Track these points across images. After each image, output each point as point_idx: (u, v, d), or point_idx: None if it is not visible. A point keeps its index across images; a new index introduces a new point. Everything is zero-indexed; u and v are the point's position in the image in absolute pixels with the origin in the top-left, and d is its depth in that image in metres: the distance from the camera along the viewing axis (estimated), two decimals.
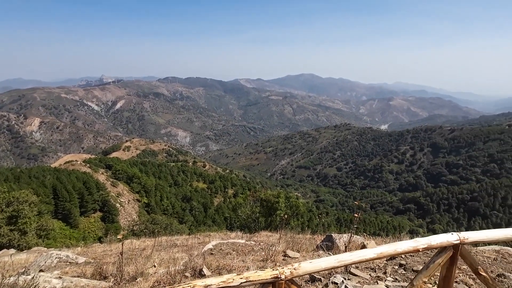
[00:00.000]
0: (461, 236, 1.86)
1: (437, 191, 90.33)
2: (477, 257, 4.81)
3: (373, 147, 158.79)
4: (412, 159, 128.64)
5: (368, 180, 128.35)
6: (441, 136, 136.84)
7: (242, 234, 9.33)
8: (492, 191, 78.64)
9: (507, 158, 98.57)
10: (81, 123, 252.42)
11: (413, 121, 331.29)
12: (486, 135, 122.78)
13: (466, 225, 74.77)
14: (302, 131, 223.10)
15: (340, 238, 5.13)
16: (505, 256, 5.18)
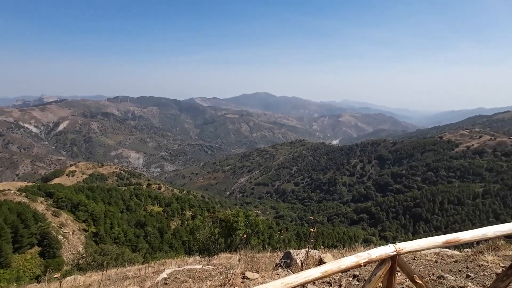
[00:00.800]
0: (397, 248, 1.93)
1: (385, 200, 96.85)
2: (420, 261, 5.17)
3: (327, 161, 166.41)
4: (362, 171, 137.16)
5: (324, 193, 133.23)
6: (386, 149, 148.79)
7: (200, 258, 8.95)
8: (431, 197, 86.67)
9: (441, 166, 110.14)
10: (16, 148, 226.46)
11: (361, 136, 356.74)
12: (423, 147, 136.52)
13: (412, 230, 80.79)
14: (259, 148, 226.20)
15: (298, 254, 5.18)
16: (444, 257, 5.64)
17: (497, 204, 77.62)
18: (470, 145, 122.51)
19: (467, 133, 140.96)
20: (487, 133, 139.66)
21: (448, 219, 78.76)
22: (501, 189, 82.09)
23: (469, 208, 79.57)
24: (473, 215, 76.98)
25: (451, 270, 4.30)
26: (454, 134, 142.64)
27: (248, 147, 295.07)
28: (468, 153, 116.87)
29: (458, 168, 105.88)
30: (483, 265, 4.61)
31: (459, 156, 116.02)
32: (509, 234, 1.96)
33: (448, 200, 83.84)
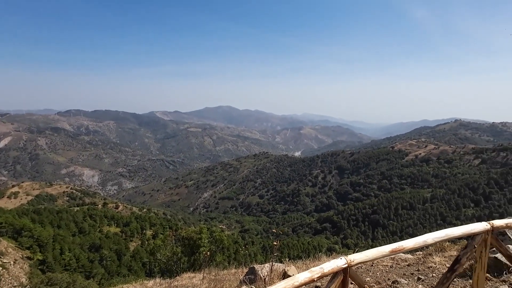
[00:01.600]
0: (348, 260, 1.98)
1: (346, 208, 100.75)
2: (378, 267, 5.41)
3: (290, 173, 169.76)
4: (323, 181, 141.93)
5: (288, 204, 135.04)
6: (344, 159, 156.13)
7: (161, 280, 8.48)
8: (387, 204, 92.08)
9: (394, 174, 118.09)
10: None
11: (321, 147, 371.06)
12: (377, 156, 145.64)
13: (371, 236, 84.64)
14: (223, 162, 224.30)
15: (263, 268, 5.14)
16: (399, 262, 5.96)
17: (443, 207, 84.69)
18: (418, 154, 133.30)
19: (415, 143, 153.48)
20: (432, 142, 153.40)
21: (402, 224, 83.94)
22: (446, 193, 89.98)
23: (420, 212, 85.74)
24: (423, 218, 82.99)
25: (404, 274, 4.55)
26: (404, 144, 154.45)
27: (212, 161, 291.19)
28: (416, 161, 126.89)
29: (409, 176, 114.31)
30: (431, 266, 4.93)
31: (409, 164, 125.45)
32: (446, 239, 2.13)
33: (402, 206, 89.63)
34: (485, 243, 2.21)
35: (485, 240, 2.20)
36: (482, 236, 2.17)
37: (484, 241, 2.20)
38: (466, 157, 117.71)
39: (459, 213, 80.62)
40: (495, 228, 2.18)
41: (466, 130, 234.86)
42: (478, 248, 2.23)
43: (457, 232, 2.12)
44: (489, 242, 2.23)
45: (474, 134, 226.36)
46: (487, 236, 2.18)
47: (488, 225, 2.17)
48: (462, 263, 2.19)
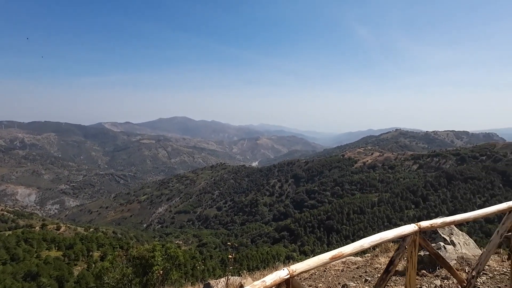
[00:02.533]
0: (290, 270, 2.00)
1: (302, 216, 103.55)
2: (330, 272, 5.61)
3: (248, 183, 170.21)
4: (280, 190, 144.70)
5: (247, 215, 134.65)
6: (300, 168, 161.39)
7: None
8: (340, 209, 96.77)
9: (345, 181, 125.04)
10: None
11: (277, 157, 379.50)
12: (330, 164, 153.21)
13: (327, 241, 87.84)
14: (179, 174, 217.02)
15: (218, 283, 5.03)
16: (349, 265, 6.24)
17: (389, 209, 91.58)
18: (365, 161, 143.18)
19: (362, 151, 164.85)
20: (377, 150, 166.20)
21: (354, 228, 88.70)
22: (390, 196, 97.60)
23: (369, 215, 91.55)
24: (372, 221, 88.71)
25: (353, 277, 4.78)
26: (353, 152, 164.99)
27: (167, 174, 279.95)
28: (364, 168, 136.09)
29: (358, 182, 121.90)
30: (378, 267, 5.25)
31: (358, 171, 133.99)
32: (380, 242, 2.24)
33: (353, 211, 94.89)
34: (414, 244, 2.35)
35: (414, 240, 2.33)
36: (411, 237, 2.31)
37: (414, 241, 2.34)
38: (406, 163, 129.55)
39: (403, 214, 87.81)
40: (422, 229, 2.34)
41: (405, 138, 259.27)
42: (408, 249, 2.36)
43: (390, 235, 2.27)
44: (418, 242, 2.37)
45: (412, 142, 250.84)
46: (415, 237, 2.32)
47: (416, 226, 2.30)
48: (395, 264, 2.30)
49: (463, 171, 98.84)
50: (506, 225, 2.50)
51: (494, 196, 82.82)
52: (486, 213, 2.45)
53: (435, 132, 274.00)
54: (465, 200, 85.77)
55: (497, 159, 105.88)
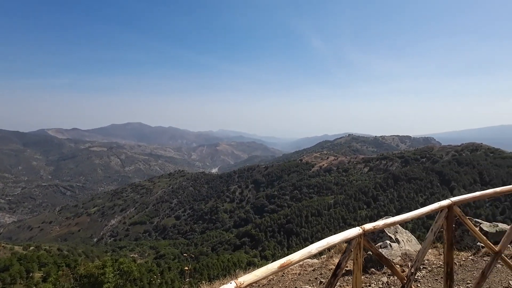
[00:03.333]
0: (238, 283, 1.99)
1: (263, 221, 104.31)
2: (288, 276, 5.72)
3: (207, 190, 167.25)
4: (241, 196, 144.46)
5: (207, 223, 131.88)
6: (260, 173, 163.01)
7: None
8: (299, 212, 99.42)
9: (303, 185, 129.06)
10: None
11: (237, 163, 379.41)
12: (289, 169, 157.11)
13: (287, 245, 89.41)
14: (134, 183, 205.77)
15: None
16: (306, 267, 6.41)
17: (344, 211, 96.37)
18: (322, 165, 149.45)
19: (319, 155, 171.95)
20: (332, 154, 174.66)
21: (312, 230, 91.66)
22: (345, 198, 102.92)
23: (326, 217, 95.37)
24: (329, 222, 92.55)
25: (309, 280, 4.92)
26: (310, 157, 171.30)
27: (120, 183, 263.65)
28: (321, 171, 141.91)
29: (316, 185, 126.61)
30: (332, 268, 5.47)
31: (315, 175, 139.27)
32: (327, 247, 2.28)
33: (311, 213, 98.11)
34: (359, 246, 2.42)
35: (359, 243, 2.40)
36: (356, 240, 2.39)
37: (359, 244, 2.41)
38: (358, 166, 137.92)
39: (356, 214, 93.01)
40: (366, 232, 2.42)
41: (357, 143, 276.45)
42: (354, 251, 2.42)
43: (336, 239, 2.32)
44: (363, 245, 2.44)
45: (363, 146, 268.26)
46: (360, 239, 2.39)
47: (361, 229, 2.38)
48: (342, 268, 2.36)
49: (407, 172, 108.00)
50: (439, 223, 2.79)
51: (433, 194, 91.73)
52: (421, 213, 2.70)
53: (383, 137, 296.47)
54: (409, 199, 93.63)
55: (435, 161, 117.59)
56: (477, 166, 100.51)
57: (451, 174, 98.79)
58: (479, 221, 6.54)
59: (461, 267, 4.71)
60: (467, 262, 4.86)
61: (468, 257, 5.17)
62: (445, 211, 2.74)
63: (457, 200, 2.81)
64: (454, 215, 2.80)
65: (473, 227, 2.91)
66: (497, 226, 5.59)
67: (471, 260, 4.91)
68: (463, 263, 4.85)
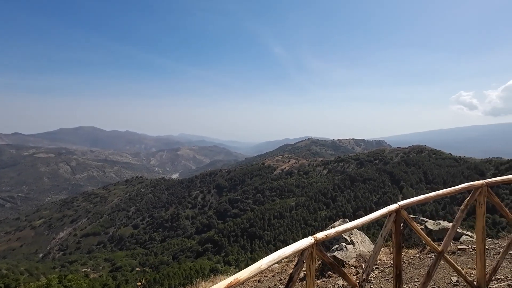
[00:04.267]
0: None
1: (226, 226, 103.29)
2: (248, 284, 5.61)
3: (168, 196, 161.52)
4: (203, 202, 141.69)
5: (167, 230, 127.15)
6: (222, 178, 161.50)
7: None
8: (261, 216, 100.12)
9: (265, 188, 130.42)
10: None
11: (199, 167, 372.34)
12: (251, 173, 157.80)
13: (250, 249, 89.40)
14: (86, 192, 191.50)
15: None
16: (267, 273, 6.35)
17: (305, 212, 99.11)
18: (283, 168, 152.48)
19: (280, 158, 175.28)
20: (293, 157, 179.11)
21: (275, 232, 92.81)
22: (306, 200, 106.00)
23: (288, 219, 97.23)
24: (291, 224, 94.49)
25: (269, 287, 4.86)
26: (272, 160, 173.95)
27: (71, 192, 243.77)
28: (283, 174, 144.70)
29: (278, 188, 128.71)
30: None
31: (277, 178, 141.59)
32: (278, 260, 2.23)
33: (273, 216, 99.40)
34: (312, 256, 2.38)
35: (312, 253, 2.37)
36: (309, 251, 2.35)
37: (311, 254, 2.37)
38: (318, 168, 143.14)
39: (316, 215, 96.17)
40: (318, 241, 2.40)
41: (316, 146, 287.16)
42: (306, 262, 2.38)
43: (288, 251, 2.26)
44: (315, 255, 2.41)
45: (322, 149, 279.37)
46: (312, 249, 2.36)
47: (313, 239, 2.35)
48: (294, 280, 2.29)
49: (362, 173, 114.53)
50: (388, 227, 2.89)
51: (385, 193, 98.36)
52: (371, 218, 2.77)
53: (340, 140, 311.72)
54: (364, 198, 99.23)
55: (386, 162, 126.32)
56: (422, 167, 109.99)
57: (400, 174, 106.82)
58: (424, 219, 7.04)
59: (409, 265, 4.99)
60: (414, 260, 5.18)
61: (415, 254, 5.51)
62: (393, 215, 2.85)
63: (404, 204, 2.94)
64: (402, 218, 2.93)
65: (419, 230, 3.07)
66: (440, 224, 6.06)
67: (418, 258, 5.25)
68: (411, 261, 5.16)
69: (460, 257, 4.97)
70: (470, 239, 5.65)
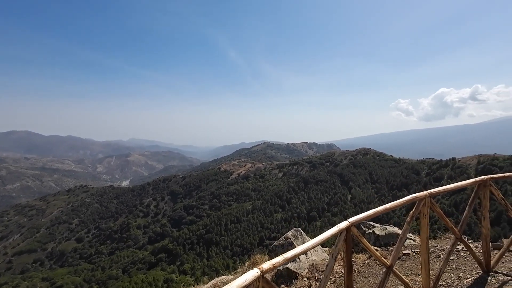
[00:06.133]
0: None
1: (181, 233, 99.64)
2: None
3: (117, 205, 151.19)
4: (156, 210, 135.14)
5: (116, 242, 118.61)
6: (177, 184, 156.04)
7: None
8: (218, 221, 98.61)
9: (222, 193, 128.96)
10: None
11: (152, 174, 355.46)
12: (207, 178, 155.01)
13: (206, 256, 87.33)
14: (19, 204, 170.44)
15: None
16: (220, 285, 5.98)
17: (261, 215, 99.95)
18: (240, 172, 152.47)
19: (237, 163, 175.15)
20: (249, 161, 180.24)
21: (232, 237, 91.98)
22: (262, 203, 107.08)
23: (244, 223, 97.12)
24: (248, 228, 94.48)
25: None
26: (228, 165, 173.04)
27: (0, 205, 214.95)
28: (239, 179, 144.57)
29: (234, 192, 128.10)
30: None
31: (233, 182, 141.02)
32: None
33: (230, 221, 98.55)
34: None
35: (257, 287, 2.19)
36: (254, 285, 2.20)
37: None
38: (273, 172, 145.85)
39: (272, 218, 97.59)
40: (265, 272, 2.25)
41: (272, 150, 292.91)
42: None
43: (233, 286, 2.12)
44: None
45: (277, 153, 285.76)
46: (258, 283, 2.20)
47: (258, 271, 2.20)
48: None
49: (314, 175, 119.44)
50: (339, 247, 2.75)
51: (336, 194, 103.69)
52: (321, 239, 2.61)
53: (294, 144, 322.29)
54: (317, 199, 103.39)
55: (336, 164, 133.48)
56: (368, 168, 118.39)
57: (349, 175, 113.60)
58: (372, 224, 7.26)
59: (359, 274, 5.03)
60: (364, 268, 5.25)
61: (365, 261, 5.59)
62: (344, 234, 2.74)
63: (354, 221, 2.85)
64: (352, 235, 2.84)
65: (368, 245, 3.01)
66: (386, 229, 6.29)
67: (368, 265, 5.33)
68: (361, 269, 5.21)
69: (405, 262, 5.16)
70: (414, 243, 5.94)
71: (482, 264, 4.28)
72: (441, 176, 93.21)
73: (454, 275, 4.42)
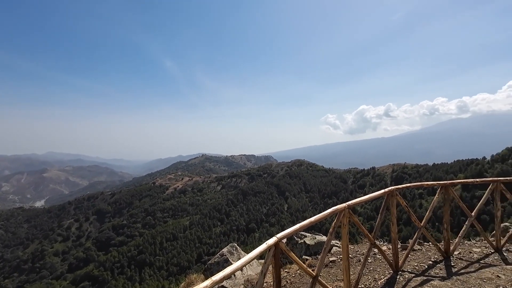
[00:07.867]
0: None
1: (109, 257, 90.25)
2: None
3: (28, 230, 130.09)
4: (78, 232, 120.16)
5: (26, 274, 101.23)
6: (104, 202, 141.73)
7: None
8: (152, 240, 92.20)
9: (157, 209, 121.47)
10: None
11: (74, 191, 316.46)
12: (140, 194, 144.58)
13: (138, 279, 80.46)
14: None
15: None
16: None
17: (199, 230, 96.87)
18: (176, 187, 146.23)
19: (173, 176, 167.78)
20: (187, 175, 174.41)
21: (168, 256, 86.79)
22: (200, 218, 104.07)
23: (182, 240, 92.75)
24: (185, 245, 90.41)
25: None
26: (164, 179, 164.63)
27: None
28: (176, 193, 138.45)
29: (170, 208, 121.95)
30: None
31: (169, 197, 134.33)
32: None
33: (166, 239, 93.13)
34: None
35: None
36: None
37: None
38: (212, 185, 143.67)
39: (211, 233, 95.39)
40: None
41: (210, 163, 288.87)
42: None
43: None
44: None
45: (215, 165, 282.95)
46: None
47: None
48: None
49: (253, 187, 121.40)
50: (268, 263, 2.85)
51: (274, 204, 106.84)
52: (250, 257, 2.67)
53: (232, 156, 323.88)
54: (255, 211, 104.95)
55: (273, 175, 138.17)
56: (302, 178, 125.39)
57: (285, 186, 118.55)
58: (304, 234, 7.66)
59: (291, 284, 5.25)
60: (296, 278, 5.49)
61: (296, 271, 5.85)
62: (273, 249, 2.85)
63: (282, 236, 3.00)
64: (280, 251, 2.97)
65: (296, 259, 3.18)
66: (315, 238, 6.72)
67: (299, 275, 5.59)
68: (293, 279, 5.44)
69: (332, 269, 5.57)
70: (339, 249, 6.46)
71: (392, 265, 4.90)
72: (364, 184, 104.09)
73: (371, 277, 4.95)
